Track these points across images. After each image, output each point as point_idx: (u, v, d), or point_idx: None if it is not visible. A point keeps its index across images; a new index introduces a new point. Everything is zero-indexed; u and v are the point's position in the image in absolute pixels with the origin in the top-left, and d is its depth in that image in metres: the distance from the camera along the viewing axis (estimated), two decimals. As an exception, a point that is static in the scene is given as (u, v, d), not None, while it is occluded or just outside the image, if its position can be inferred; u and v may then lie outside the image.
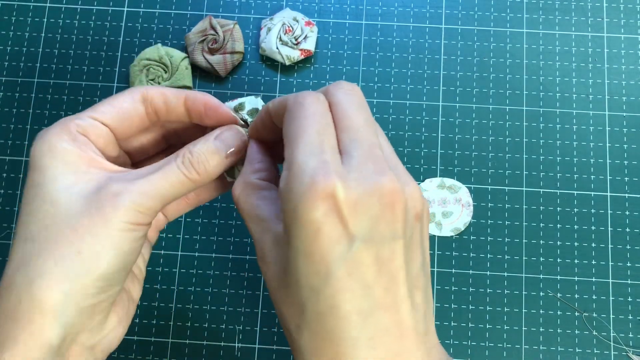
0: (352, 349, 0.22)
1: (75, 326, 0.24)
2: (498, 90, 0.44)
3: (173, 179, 0.26)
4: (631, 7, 0.45)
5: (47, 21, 0.45)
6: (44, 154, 0.25)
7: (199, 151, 0.27)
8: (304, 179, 0.22)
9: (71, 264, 0.24)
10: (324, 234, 0.21)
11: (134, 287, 0.30)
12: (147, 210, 0.25)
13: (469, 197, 0.42)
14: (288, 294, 0.23)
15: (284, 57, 0.43)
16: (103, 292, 0.25)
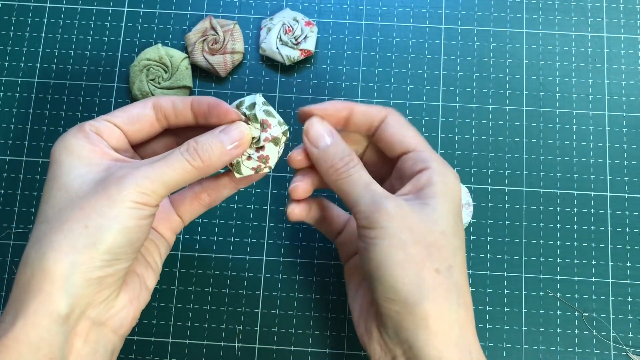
0: None
1: (83, 297, 0.26)
2: (498, 91, 0.44)
3: (176, 165, 0.28)
4: (631, 7, 0.45)
5: (47, 21, 0.45)
6: (62, 151, 0.28)
7: (204, 140, 0.29)
8: (454, 173, 0.31)
9: (79, 237, 0.26)
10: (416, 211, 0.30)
11: (148, 275, 0.32)
12: (149, 192, 0.27)
13: (469, 197, 0.42)
14: (439, 241, 0.30)
15: (284, 57, 0.43)
16: (109, 265, 0.27)
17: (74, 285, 0.26)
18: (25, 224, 0.42)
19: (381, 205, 0.28)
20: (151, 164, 0.28)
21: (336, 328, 0.40)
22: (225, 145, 0.29)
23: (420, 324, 0.27)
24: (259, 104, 0.30)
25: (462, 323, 0.28)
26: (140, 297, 0.31)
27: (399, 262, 0.28)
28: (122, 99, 0.44)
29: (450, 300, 0.28)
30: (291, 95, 0.44)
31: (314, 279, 0.41)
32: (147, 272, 0.32)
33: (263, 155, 0.30)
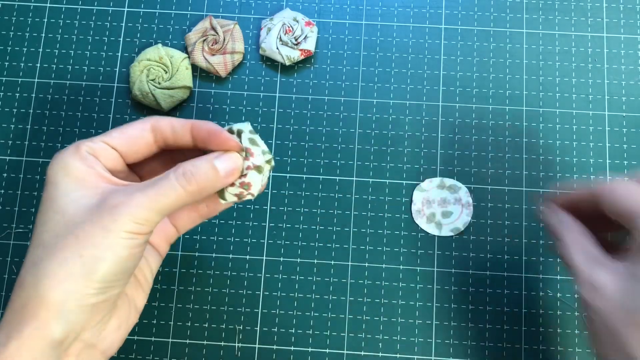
0: None
1: (77, 323, 0.27)
2: (498, 91, 0.44)
3: (170, 192, 0.28)
4: (631, 7, 0.45)
5: (47, 21, 0.45)
6: (58, 172, 0.29)
7: (200, 165, 0.29)
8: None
9: (73, 266, 0.26)
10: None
11: (138, 295, 0.32)
12: (143, 221, 0.27)
13: (469, 197, 0.42)
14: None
15: (284, 57, 0.43)
16: (102, 293, 0.27)
17: (69, 312, 0.26)
18: (25, 224, 0.42)
19: (583, 294, 0.31)
20: (144, 191, 0.28)
21: (336, 328, 0.40)
22: (220, 172, 0.29)
23: None
24: (246, 132, 0.31)
25: None
26: (130, 319, 0.31)
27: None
28: (122, 99, 0.44)
29: None
30: (291, 95, 0.44)
31: (314, 279, 0.41)
32: (137, 292, 0.32)
33: (245, 182, 0.31)
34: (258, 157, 0.30)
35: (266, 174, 0.31)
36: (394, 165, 0.43)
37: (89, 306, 0.27)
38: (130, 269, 0.28)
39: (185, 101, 0.44)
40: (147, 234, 0.28)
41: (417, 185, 0.42)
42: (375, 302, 0.41)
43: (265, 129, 0.43)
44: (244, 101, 0.44)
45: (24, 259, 0.28)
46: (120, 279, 0.28)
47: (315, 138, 0.43)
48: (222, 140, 0.30)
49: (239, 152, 0.30)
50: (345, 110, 0.43)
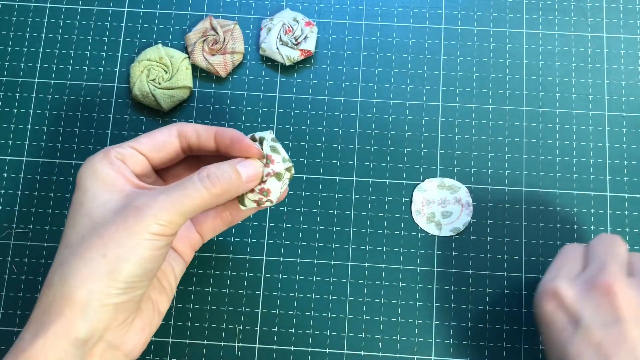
0: None
1: (100, 322, 0.27)
2: (498, 91, 0.44)
3: (194, 194, 0.28)
4: (630, 8, 0.45)
5: (47, 21, 0.45)
6: (87, 176, 0.30)
7: (224, 168, 0.30)
8: (539, 288, 0.34)
9: (97, 266, 0.27)
10: (555, 324, 0.32)
11: (162, 300, 0.33)
12: (166, 222, 0.28)
13: (469, 197, 0.42)
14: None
15: (284, 58, 0.43)
16: (125, 293, 0.28)
17: (92, 311, 0.27)
18: (25, 224, 0.42)
19: None
20: (168, 193, 0.28)
21: (336, 328, 0.40)
22: (243, 177, 0.30)
23: None
24: (268, 140, 0.31)
25: None
26: (153, 322, 0.32)
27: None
28: (122, 99, 0.44)
29: None
30: (291, 95, 0.44)
31: (314, 279, 0.41)
32: (160, 296, 0.33)
33: (264, 188, 0.31)
34: (278, 164, 0.31)
35: (285, 181, 0.32)
36: (394, 165, 0.43)
37: (112, 305, 0.27)
38: (153, 270, 0.29)
39: (185, 101, 0.44)
40: (171, 235, 0.29)
41: (417, 185, 0.42)
42: (375, 302, 0.41)
43: (265, 129, 0.43)
44: (244, 101, 0.44)
45: (53, 259, 0.29)
46: (143, 280, 0.28)
47: (315, 138, 0.43)
48: (244, 147, 0.31)
49: (260, 159, 0.31)
50: (345, 110, 0.44)
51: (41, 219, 0.42)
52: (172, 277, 0.34)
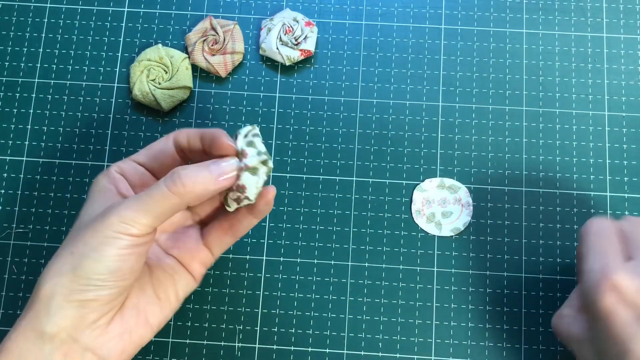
0: None
1: (65, 318, 0.28)
2: (498, 91, 0.44)
3: (156, 193, 0.29)
4: (630, 8, 0.45)
5: (47, 21, 0.45)
6: (91, 189, 0.32)
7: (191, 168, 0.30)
8: (593, 279, 0.30)
9: (64, 262, 0.29)
10: (617, 318, 0.29)
11: (152, 310, 0.32)
12: (129, 220, 0.28)
13: (469, 197, 0.42)
14: None
15: (284, 58, 0.43)
16: (89, 290, 0.28)
17: (56, 306, 0.28)
18: (25, 224, 0.42)
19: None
20: (137, 195, 0.29)
21: (336, 328, 0.40)
22: (213, 175, 0.30)
23: None
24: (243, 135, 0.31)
25: None
26: (135, 331, 0.31)
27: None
28: (122, 99, 0.44)
29: None
30: (291, 95, 0.44)
31: (314, 279, 0.41)
32: (151, 307, 0.32)
33: (240, 184, 0.30)
34: (252, 158, 0.30)
35: (262, 176, 0.31)
36: (394, 165, 0.43)
37: (76, 302, 0.28)
38: (122, 271, 0.29)
39: (185, 101, 0.44)
40: (137, 236, 0.29)
41: (417, 185, 0.42)
42: (375, 302, 0.41)
43: (265, 129, 0.43)
44: (244, 101, 0.44)
45: None
46: (109, 279, 0.28)
47: (315, 138, 0.43)
48: (218, 144, 0.30)
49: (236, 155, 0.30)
50: (345, 110, 0.44)
51: (41, 219, 0.42)
52: (172, 289, 0.33)
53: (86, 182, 0.42)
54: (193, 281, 0.35)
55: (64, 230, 0.42)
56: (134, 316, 0.31)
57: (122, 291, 0.29)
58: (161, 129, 0.43)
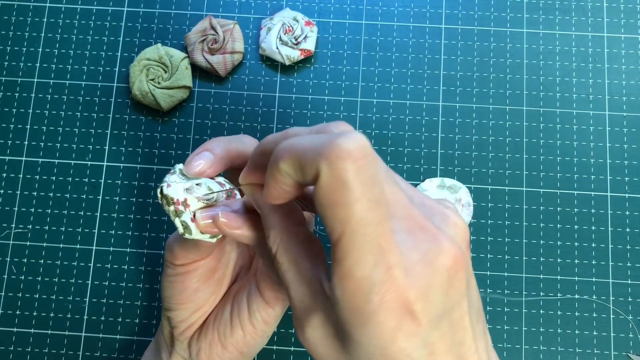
0: None
1: (165, 329, 0.34)
2: (498, 90, 0.44)
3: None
4: (631, 7, 0.45)
5: (47, 21, 0.45)
6: None
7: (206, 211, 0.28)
8: (372, 297, 0.20)
9: None
10: (399, 339, 0.20)
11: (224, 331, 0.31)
12: (170, 251, 0.31)
13: (469, 197, 0.42)
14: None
15: (284, 57, 0.43)
16: (165, 309, 0.33)
17: (162, 316, 0.34)
18: (24, 224, 0.42)
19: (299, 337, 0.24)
20: None
21: (336, 328, 0.40)
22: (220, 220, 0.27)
23: None
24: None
25: None
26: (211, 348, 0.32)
27: None
28: (121, 98, 0.44)
29: None
30: (291, 95, 0.44)
31: (314, 279, 0.41)
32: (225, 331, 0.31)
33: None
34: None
35: (176, 222, 0.26)
36: (394, 165, 0.43)
37: (165, 317, 0.33)
38: (175, 294, 0.31)
39: (185, 101, 0.43)
40: (178, 265, 0.30)
41: (417, 185, 0.42)
42: (375, 302, 0.41)
43: (265, 129, 0.43)
44: (243, 101, 0.44)
45: None
46: (170, 301, 0.32)
47: (315, 138, 0.43)
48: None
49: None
50: (345, 110, 0.43)
51: (40, 219, 0.42)
52: (246, 317, 0.31)
53: (85, 182, 0.42)
54: (269, 309, 0.31)
55: (63, 230, 0.42)
56: (209, 334, 0.32)
57: (191, 311, 0.32)
58: (160, 129, 0.43)
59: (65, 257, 0.41)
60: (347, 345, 0.21)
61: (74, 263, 0.41)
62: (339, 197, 0.19)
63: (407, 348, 0.21)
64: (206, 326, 0.32)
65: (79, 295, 0.41)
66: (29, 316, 0.40)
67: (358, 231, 0.19)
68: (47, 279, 0.41)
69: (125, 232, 0.42)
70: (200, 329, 0.32)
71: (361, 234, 0.19)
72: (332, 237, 0.20)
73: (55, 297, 0.41)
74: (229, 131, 0.43)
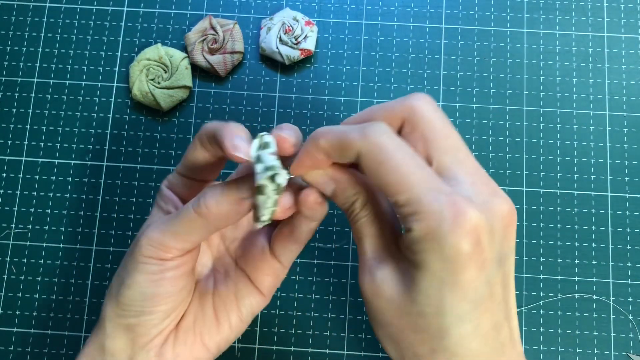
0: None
1: (117, 339, 0.28)
2: (498, 90, 0.44)
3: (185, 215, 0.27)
4: (631, 7, 0.45)
5: (46, 21, 0.45)
6: (154, 207, 0.31)
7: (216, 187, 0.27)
8: (445, 218, 0.22)
9: (112, 286, 0.29)
10: (472, 264, 0.22)
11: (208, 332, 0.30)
12: (157, 244, 0.27)
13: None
14: (418, 322, 0.24)
15: (284, 57, 0.43)
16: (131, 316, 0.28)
17: (110, 327, 0.28)
18: (24, 224, 0.42)
19: (361, 285, 0.26)
20: (168, 216, 0.28)
21: (336, 328, 0.40)
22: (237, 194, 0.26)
23: None
24: (254, 148, 0.26)
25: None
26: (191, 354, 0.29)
27: (388, 350, 0.26)
28: (121, 98, 0.44)
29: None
30: (291, 95, 0.44)
31: (314, 279, 0.41)
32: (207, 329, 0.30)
33: (252, 203, 0.27)
34: (257, 175, 0.26)
35: (270, 194, 0.26)
36: (394, 165, 0.43)
37: (123, 326, 0.28)
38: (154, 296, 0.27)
39: (185, 101, 0.43)
40: (166, 260, 0.27)
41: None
42: (375, 302, 0.41)
43: (265, 129, 0.43)
44: (243, 101, 0.44)
45: None
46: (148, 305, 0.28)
47: (315, 138, 0.43)
48: (228, 155, 0.26)
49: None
50: (345, 110, 0.43)
51: (40, 219, 0.42)
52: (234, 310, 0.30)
53: (85, 182, 0.42)
54: (260, 298, 0.31)
55: (63, 230, 0.42)
56: (189, 338, 0.29)
57: (166, 315, 0.28)
58: (160, 129, 0.43)
59: (65, 257, 0.41)
60: (413, 287, 0.24)
61: (74, 263, 0.41)
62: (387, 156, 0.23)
63: (475, 280, 0.23)
64: (183, 330, 0.29)
65: (79, 295, 0.41)
66: (28, 316, 0.40)
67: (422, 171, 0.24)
68: (47, 279, 0.41)
69: (125, 232, 0.42)
70: (173, 334, 0.29)
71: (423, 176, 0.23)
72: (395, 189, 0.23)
73: (55, 297, 0.41)
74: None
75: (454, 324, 0.23)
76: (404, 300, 0.24)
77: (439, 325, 0.24)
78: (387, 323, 0.25)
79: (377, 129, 0.24)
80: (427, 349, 0.24)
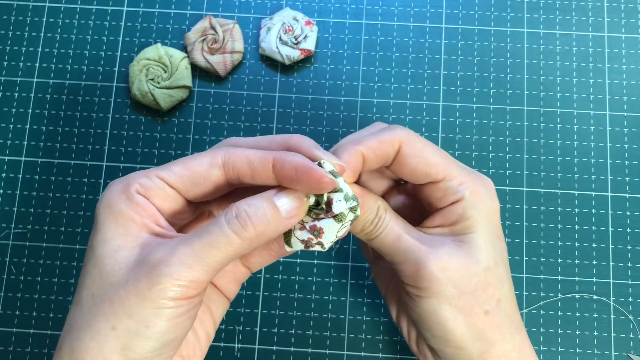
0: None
1: None
2: (499, 90, 0.44)
3: (221, 241, 0.23)
4: (632, 7, 0.45)
5: (46, 20, 0.45)
6: (102, 212, 0.25)
7: (257, 205, 0.24)
8: (481, 184, 0.29)
9: (106, 340, 0.23)
10: (499, 217, 0.30)
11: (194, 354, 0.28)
12: (188, 282, 0.23)
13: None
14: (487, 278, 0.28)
15: (284, 57, 0.43)
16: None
17: None
18: (24, 224, 0.42)
19: (420, 266, 0.27)
20: (190, 243, 0.23)
21: (336, 329, 0.40)
22: (282, 212, 0.24)
23: (477, 359, 0.28)
24: (328, 168, 0.25)
25: (519, 347, 0.29)
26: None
27: (447, 317, 0.28)
28: (121, 98, 0.44)
29: (503, 333, 0.28)
30: (291, 95, 0.44)
31: (314, 279, 0.41)
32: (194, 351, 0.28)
33: (316, 226, 0.25)
34: (339, 203, 0.25)
35: (346, 224, 0.25)
36: (394, 165, 0.43)
37: None
38: (177, 339, 0.24)
39: (184, 101, 0.43)
40: (196, 297, 0.23)
41: (418, 185, 0.42)
42: (375, 302, 0.41)
43: (265, 129, 0.43)
44: (243, 101, 0.44)
45: (66, 319, 0.25)
46: (164, 352, 0.24)
47: (315, 138, 0.43)
48: (315, 180, 0.24)
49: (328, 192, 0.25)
50: (345, 110, 0.43)
51: (40, 220, 0.42)
52: (211, 323, 0.29)
53: (85, 182, 0.42)
54: (227, 302, 0.30)
55: (62, 230, 0.42)
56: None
57: (175, 354, 0.25)
58: (160, 129, 0.43)
59: (65, 257, 0.41)
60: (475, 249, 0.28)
61: (74, 263, 0.41)
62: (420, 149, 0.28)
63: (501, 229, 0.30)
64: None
65: (79, 295, 0.41)
66: (28, 316, 0.40)
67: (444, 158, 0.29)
68: (46, 279, 0.41)
69: (125, 232, 0.42)
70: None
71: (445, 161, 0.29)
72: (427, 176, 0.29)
73: (55, 297, 0.41)
74: (228, 131, 0.43)
75: (508, 270, 0.29)
76: (471, 263, 0.28)
77: (499, 275, 0.28)
78: (458, 294, 0.27)
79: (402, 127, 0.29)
80: (494, 303, 0.28)
